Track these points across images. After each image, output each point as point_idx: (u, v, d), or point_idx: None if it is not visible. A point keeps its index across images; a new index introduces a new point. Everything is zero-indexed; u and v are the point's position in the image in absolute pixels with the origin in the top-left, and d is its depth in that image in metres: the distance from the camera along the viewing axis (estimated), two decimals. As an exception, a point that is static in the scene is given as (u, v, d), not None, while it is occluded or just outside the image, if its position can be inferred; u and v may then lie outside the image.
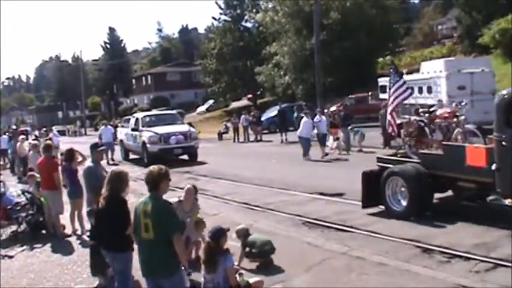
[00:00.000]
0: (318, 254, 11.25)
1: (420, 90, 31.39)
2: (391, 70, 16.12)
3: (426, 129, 14.94)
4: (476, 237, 11.28)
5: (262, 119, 42.71)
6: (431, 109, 15.83)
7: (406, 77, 34.43)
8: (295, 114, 37.22)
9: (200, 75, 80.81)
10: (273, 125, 42.27)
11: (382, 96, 36.66)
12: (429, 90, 30.65)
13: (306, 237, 12.62)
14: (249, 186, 20.40)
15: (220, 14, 74.26)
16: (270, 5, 61.68)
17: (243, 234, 10.70)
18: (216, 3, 73.28)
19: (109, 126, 36.33)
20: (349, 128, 28.18)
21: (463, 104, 15.44)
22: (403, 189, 13.41)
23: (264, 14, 60.58)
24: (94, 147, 12.69)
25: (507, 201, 11.57)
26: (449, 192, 13.84)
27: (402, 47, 66.32)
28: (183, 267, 7.51)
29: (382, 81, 37.69)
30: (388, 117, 15.68)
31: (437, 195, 13.79)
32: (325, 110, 34.94)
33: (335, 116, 30.73)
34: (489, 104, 29.93)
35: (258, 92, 69.35)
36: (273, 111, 43.97)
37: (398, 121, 27.72)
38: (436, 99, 27.77)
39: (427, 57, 48.69)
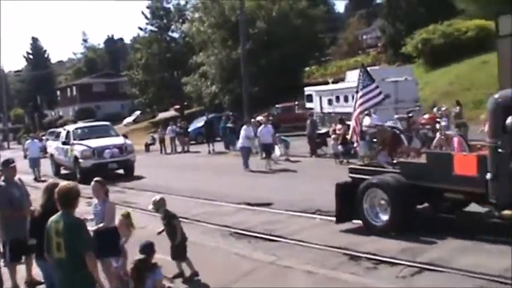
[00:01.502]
0: (246, 264, 11.18)
1: (346, 98, 31.79)
2: (361, 72, 14.72)
3: (402, 136, 13.92)
4: (403, 243, 11.41)
5: (190, 129, 42.40)
6: (409, 114, 14.96)
7: (331, 86, 35.25)
8: (222, 124, 37.07)
9: (126, 86, 79.84)
10: (200, 136, 42.00)
11: (308, 105, 37.03)
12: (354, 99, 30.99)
13: (234, 248, 12.53)
14: (177, 197, 20.07)
15: (147, 24, 73.60)
16: (197, 15, 61.51)
17: (163, 204, 10.51)
18: (142, 13, 72.66)
19: (35, 140, 34.69)
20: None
21: (443, 109, 14.72)
22: (382, 202, 12.33)
23: (190, 25, 60.45)
24: (5, 164, 11.24)
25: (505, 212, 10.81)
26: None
27: (328, 56, 67.16)
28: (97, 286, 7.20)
29: (309, 90, 38.08)
30: (352, 123, 14.65)
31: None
32: (252, 120, 34.99)
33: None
34: (412, 112, 30.51)
35: (185, 103, 68.98)
36: (200, 122, 43.71)
37: (323, 130, 28.04)
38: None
39: (353, 67, 49.40)
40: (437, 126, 13.30)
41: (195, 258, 10.76)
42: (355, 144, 16.18)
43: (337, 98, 32.95)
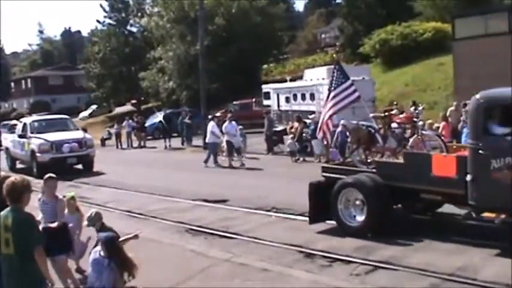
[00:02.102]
0: (202, 261, 11.15)
1: (303, 97, 31.97)
2: (335, 69, 13.93)
3: (377, 135, 13.18)
4: (357, 241, 11.55)
5: (146, 125, 42.15)
6: (386, 113, 13.87)
7: (289, 84, 35.39)
8: (180, 120, 36.92)
9: (83, 80, 78.95)
10: (157, 131, 41.82)
11: (266, 102, 37.10)
12: (312, 97, 31.22)
13: (190, 245, 12.49)
14: (133, 193, 20.04)
15: (105, 17, 72.80)
16: (156, 10, 61.04)
17: (98, 219, 9.94)
18: (101, 6, 71.81)
19: (-11, 133, 33.77)
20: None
21: (420, 108, 14.32)
22: (358, 202, 12.02)
23: (149, 19, 59.88)
24: None
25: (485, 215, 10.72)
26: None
27: (286, 54, 67.41)
28: (49, 283, 7.07)
29: (266, 87, 38.13)
30: (324, 121, 13.97)
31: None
32: (209, 116, 34.93)
33: (219, 123, 30.38)
34: (369, 111, 30.84)
35: (142, 98, 68.49)
36: (157, 117, 43.43)
37: (280, 127, 28.04)
38: (319, 106, 28.31)
39: (311, 65, 49.69)
40: (414, 125, 12.78)
41: (151, 255, 10.72)
42: (325, 142, 15.60)
43: (295, 96, 33.10)
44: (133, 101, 70.45)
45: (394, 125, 13.21)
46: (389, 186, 11.69)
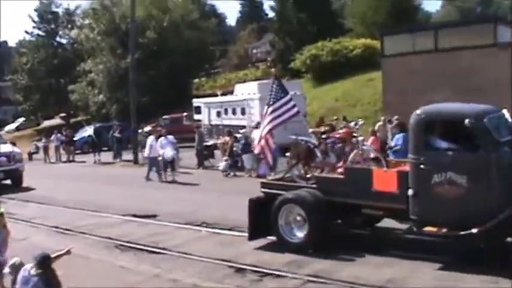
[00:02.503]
0: (131, 277, 11.08)
1: (234, 111, 32.15)
2: (274, 84, 13.46)
3: (316, 150, 13.00)
4: (287, 255, 11.63)
5: (75, 138, 41.49)
6: (324, 129, 14.04)
7: (220, 98, 35.49)
8: (110, 134, 36.47)
9: (10, 92, 77.16)
10: (86, 145, 41.14)
11: (197, 117, 37.09)
12: (243, 111, 31.40)
13: (119, 261, 12.37)
14: (61, 208, 19.67)
15: (34, 27, 71.54)
16: (86, 22, 60.29)
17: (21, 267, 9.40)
18: (29, 16, 70.62)
19: None
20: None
21: (360, 123, 13.87)
22: (298, 218, 11.84)
23: (79, 31, 59.16)
24: None
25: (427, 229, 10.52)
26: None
27: (218, 68, 67.58)
28: None
29: (197, 102, 38.15)
30: (262, 137, 13.64)
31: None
32: (139, 130, 34.68)
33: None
34: (300, 126, 31.16)
35: (71, 111, 67.36)
36: (86, 131, 42.76)
37: (211, 142, 27.95)
38: (250, 120, 28.57)
39: (242, 80, 49.95)
40: (354, 140, 12.67)
41: (79, 271, 10.57)
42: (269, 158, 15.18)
43: (226, 111, 33.25)
44: (62, 115, 69.20)
45: (331, 139, 13.26)
46: (330, 201, 11.60)
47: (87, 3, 60.66)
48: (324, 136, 13.49)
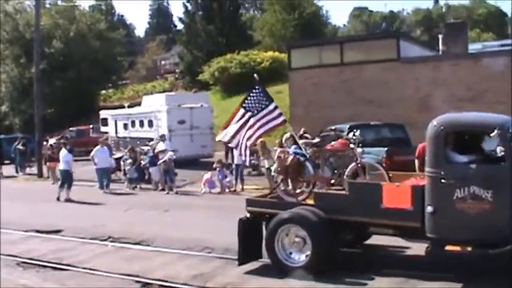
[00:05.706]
0: (33, 295, 10.69)
1: (141, 123, 31.86)
2: (257, 91, 12.39)
3: (307, 164, 11.69)
4: (194, 268, 11.55)
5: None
6: (316, 140, 12.85)
7: (127, 110, 35.03)
8: (13, 147, 35.30)
9: None
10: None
11: (103, 129, 36.47)
12: (150, 124, 31.18)
13: (21, 279, 11.90)
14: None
15: None
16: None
17: None
18: None
19: None
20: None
21: (358, 134, 12.65)
22: (297, 239, 10.58)
23: (-20, 38, 57.42)
24: None
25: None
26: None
27: (126, 80, 66.96)
28: None
29: (104, 114, 37.55)
30: (250, 143, 12.31)
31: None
32: (44, 143, 33.70)
33: (54, 150, 29.15)
34: (206, 138, 31.14)
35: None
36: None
37: (118, 155, 27.57)
38: (157, 133, 28.41)
39: (150, 91, 49.63)
40: (352, 152, 11.62)
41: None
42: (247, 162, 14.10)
43: (133, 123, 32.86)
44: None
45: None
46: (334, 220, 10.51)
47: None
48: (317, 149, 12.33)
